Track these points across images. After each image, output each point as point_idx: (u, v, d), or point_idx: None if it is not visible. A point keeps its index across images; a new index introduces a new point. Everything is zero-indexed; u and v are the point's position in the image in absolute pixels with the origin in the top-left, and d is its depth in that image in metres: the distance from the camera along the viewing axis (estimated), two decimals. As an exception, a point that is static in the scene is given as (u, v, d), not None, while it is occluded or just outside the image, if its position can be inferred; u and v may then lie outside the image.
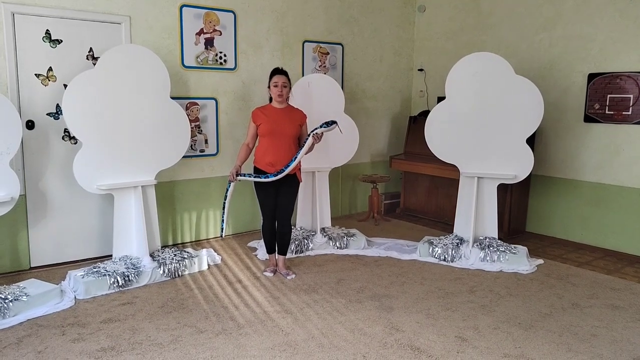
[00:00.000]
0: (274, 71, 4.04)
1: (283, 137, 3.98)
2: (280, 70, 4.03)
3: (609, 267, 4.49)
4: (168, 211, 4.85)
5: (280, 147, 3.97)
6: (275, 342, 3.01)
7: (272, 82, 3.99)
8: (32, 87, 4.07)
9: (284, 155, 3.96)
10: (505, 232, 5.28)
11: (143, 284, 3.89)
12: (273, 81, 3.98)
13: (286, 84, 3.99)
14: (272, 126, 3.96)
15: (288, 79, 4.03)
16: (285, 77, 4.00)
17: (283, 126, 3.98)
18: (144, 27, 4.51)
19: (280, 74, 4.00)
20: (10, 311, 3.27)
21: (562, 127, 5.16)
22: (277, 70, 4.03)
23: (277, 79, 3.97)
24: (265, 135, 3.99)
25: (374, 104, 6.39)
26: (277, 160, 3.96)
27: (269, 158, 3.97)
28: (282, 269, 4.17)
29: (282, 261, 4.21)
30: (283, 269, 4.17)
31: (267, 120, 3.98)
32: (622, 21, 4.70)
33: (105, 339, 3.04)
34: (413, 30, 6.67)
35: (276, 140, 3.97)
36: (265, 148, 4.00)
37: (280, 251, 4.21)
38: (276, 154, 3.96)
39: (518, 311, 3.49)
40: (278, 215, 4.11)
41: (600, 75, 4.84)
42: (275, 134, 3.96)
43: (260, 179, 3.97)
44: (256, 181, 4.01)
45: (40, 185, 4.17)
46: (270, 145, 3.98)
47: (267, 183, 3.98)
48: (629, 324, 3.33)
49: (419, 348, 2.96)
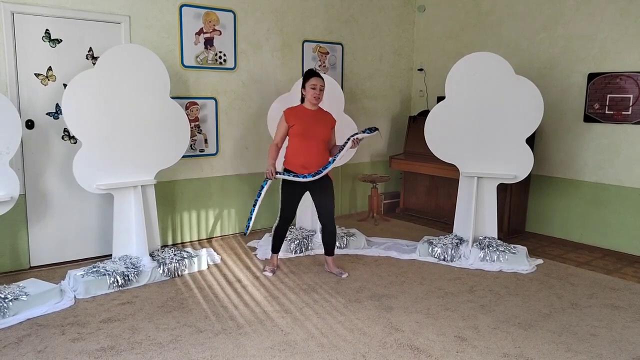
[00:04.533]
0: (310, 73, 3.98)
1: (316, 139, 3.95)
2: (317, 73, 3.99)
3: (609, 267, 4.49)
4: (168, 211, 4.85)
5: (313, 149, 3.94)
6: (275, 341, 3.01)
7: (309, 84, 3.93)
8: (32, 86, 4.07)
9: (315, 158, 3.94)
10: (504, 232, 5.28)
11: (143, 284, 3.89)
12: (311, 83, 3.93)
13: (323, 87, 3.97)
14: (305, 128, 3.93)
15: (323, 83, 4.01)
16: (323, 81, 3.98)
17: (316, 128, 3.95)
18: (143, 26, 4.51)
19: (318, 76, 3.96)
20: (10, 310, 3.27)
21: (562, 127, 5.16)
22: (314, 73, 3.98)
23: (316, 81, 3.92)
24: (298, 136, 3.95)
25: (374, 104, 6.39)
26: (310, 162, 3.93)
27: (301, 160, 3.94)
28: (335, 269, 4.16)
29: (333, 261, 4.19)
30: (335, 269, 4.16)
31: (301, 121, 3.94)
32: (622, 21, 4.70)
33: (105, 338, 3.04)
34: (413, 30, 6.67)
35: (309, 142, 3.94)
36: (296, 149, 3.97)
37: (330, 252, 4.18)
38: (308, 156, 3.93)
39: (517, 311, 3.50)
40: (324, 217, 4.07)
41: (600, 75, 4.84)
42: (308, 136, 3.93)
43: (298, 178, 3.93)
44: (293, 180, 3.95)
45: (40, 184, 4.17)
46: (303, 146, 3.94)
47: (296, 185, 3.95)
48: (628, 323, 3.33)
49: (419, 348, 2.96)
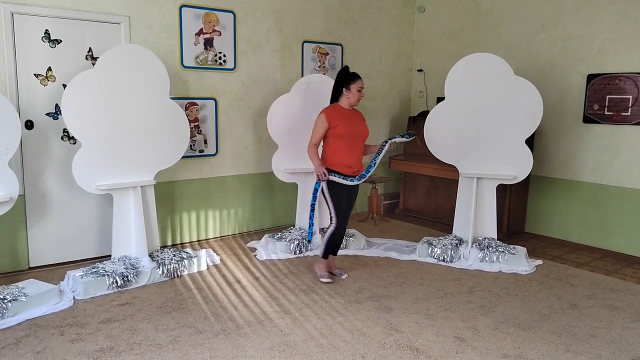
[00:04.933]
0: (354, 75, 3.92)
1: (359, 138, 3.95)
2: (359, 75, 3.95)
3: (608, 268, 4.49)
4: (167, 211, 4.85)
5: (356, 148, 3.94)
6: (274, 342, 3.01)
7: (356, 86, 3.88)
8: (31, 87, 4.06)
9: (358, 157, 3.96)
10: (504, 233, 5.28)
11: (142, 285, 3.89)
12: (359, 86, 3.89)
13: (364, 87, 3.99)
14: (349, 127, 3.91)
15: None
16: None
17: (358, 127, 3.96)
18: (143, 27, 4.51)
19: (361, 78, 3.94)
20: (9, 311, 3.26)
21: (561, 127, 5.17)
22: (357, 75, 3.94)
23: (362, 84, 3.92)
24: (341, 136, 3.90)
25: (374, 105, 6.38)
26: (353, 162, 3.93)
27: (345, 160, 3.90)
28: (335, 269, 4.18)
29: (334, 261, 4.20)
30: (335, 269, 4.18)
31: (344, 121, 3.90)
32: (621, 22, 4.70)
33: (104, 339, 3.03)
34: (412, 31, 6.67)
35: (352, 141, 3.92)
36: (338, 149, 3.91)
37: (335, 252, 4.17)
38: (351, 156, 3.92)
39: (517, 312, 3.50)
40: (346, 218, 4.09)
41: (600, 76, 4.84)
42: (352, 136, 3.92)
43: (347, 180, 3.91)
44: (340, 183, 3.90)
45: (39, 185, 4.17)
46: (346, 146, 3.92)
47: (343, 186, 3.92)
48: (627, 324, 3.33)
49: (418, 348, 2.96)
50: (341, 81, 3.94)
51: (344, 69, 3.99)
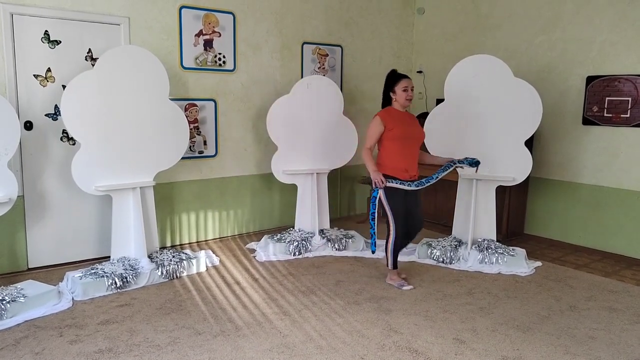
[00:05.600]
0: (398, 75, 3.89)
1: (415, 141, 3.89)
2: (404, 74, 3.90)
3: (607, 270, 4.49)
4: (166, 212, 4.84)
5: (412, 151, 3.88)
6: (273, 343, 3.01)
7: (400, 87, 3.83)
8: (31, 88, 4.06)
9: (413, 160, 3.88)
10: (503, 234, 5.28)
11: (141, 286, 3.89)
12: (402, 85, 3.83)
13: (413, 87, 3.90)
14: (405, 130, 3.85)
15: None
16: (411, 81, 3.90)
17: (414, 130, 3.89)
18: (143, 28, 4.51)
19: (407, 77, 3.88)
20: (8, 312, 3.26)
21: (560, 129, 5.17)
22: (401, 74, 3.90)
23: (407, 82, 3.84)
24: (397, 139, 3.82)
25: (373, 106, 6.36)
26: (411, 166, 3.87)
27: (402, 163, 3.83)
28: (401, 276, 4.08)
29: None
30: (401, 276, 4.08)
31: (400, 123, 3.83)
32: (620, 24, 4.71)
33: (103, 340, 3.03)
34: (412, 32, 6.67)
35: (408, 144, 3.86)
36: (394, 153, 3.84)
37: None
38: (408, 159, 3.86)
39: (516, 313, 3.49)
40: (415, 225, 4.03)
41: (599, 78, 4.84)
42: (408, 138, 3.86)
43: (405, 186, 3.85)
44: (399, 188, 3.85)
45: (38, 186, 4.17)
46: (402, 149, 3.85)
47: (400, 191, 3.86)
48: (626, 326, 3.34)
49: (417, 350, 2.96)
50: (386, 87, 3.92)
51: (389, 73, 3.93)
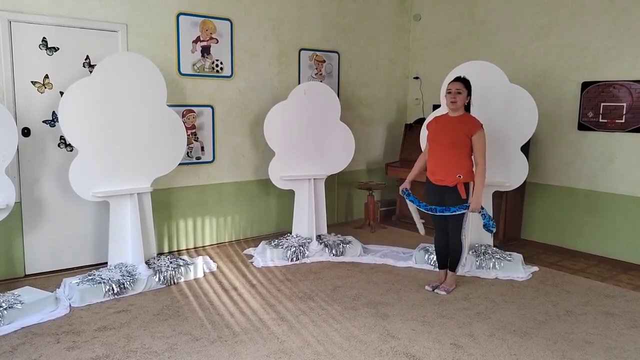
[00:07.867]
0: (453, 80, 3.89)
1: (440, 145, 3.87)
2: (457, 78, 3.86)
3: (604, 274, 4.51)
4: (164, 218, 4.84)
5: (438, 155, 3.88)
6: (271, 349, 3.01)
7: (446, 89, 3.85)
8: (29, 94, 4.07)
9: (441, 164, 3.85)
10: (500, 240, 5.30)
11: (138, 292, 3.88)
12: (447, 88, 3.84)
13: (460, 90, 3.78)
14: (434, 134, 3.91)
15: (466, 85, 3.82)
16: (461, 84, 3.80)
17: (442, 134, 3.85)
18: (140, 34, 4.53)
19: (456, 80, 3.84)
20: (5, 319, 3.25)
21: (556, 135, 5.20)
22: (455, 78, 3.89)
23: (451, 85, 3.81)
24: (428, 142, 3.98)
25: (370, 112, 6.41)
26: (435, 169, 3.89)
27: (430, 166, 3.94)
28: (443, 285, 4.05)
29: (447, 276, 4.07)
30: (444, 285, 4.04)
31: (434, 128, 3.94)
32: (615, 29, 4.75)
33: (100, 346, 3.03)
34: (409, 39, 6.71)
35: (434, 148, 3.91)
36: (428, 156, 3.99)
37: (451, 267, 4.04)
38: (434, 162, 3.90)
39: (513, 318, 3.50)
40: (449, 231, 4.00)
41: (594, 84, 4.88)
42: (434, 142, 3.91)
43: (420, 207, 3.95)
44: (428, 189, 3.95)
45: (35, 192, 4.16)
46: (431, 152, 3.95)
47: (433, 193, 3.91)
48: (623, 331, 3.35)
49: (415, 355, 2.96)
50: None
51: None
